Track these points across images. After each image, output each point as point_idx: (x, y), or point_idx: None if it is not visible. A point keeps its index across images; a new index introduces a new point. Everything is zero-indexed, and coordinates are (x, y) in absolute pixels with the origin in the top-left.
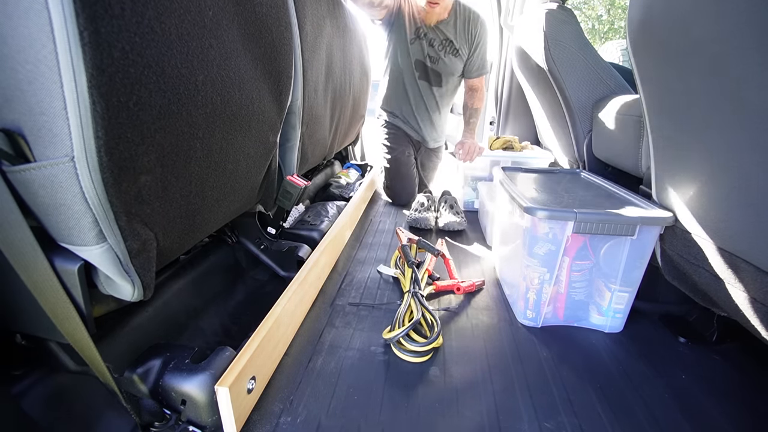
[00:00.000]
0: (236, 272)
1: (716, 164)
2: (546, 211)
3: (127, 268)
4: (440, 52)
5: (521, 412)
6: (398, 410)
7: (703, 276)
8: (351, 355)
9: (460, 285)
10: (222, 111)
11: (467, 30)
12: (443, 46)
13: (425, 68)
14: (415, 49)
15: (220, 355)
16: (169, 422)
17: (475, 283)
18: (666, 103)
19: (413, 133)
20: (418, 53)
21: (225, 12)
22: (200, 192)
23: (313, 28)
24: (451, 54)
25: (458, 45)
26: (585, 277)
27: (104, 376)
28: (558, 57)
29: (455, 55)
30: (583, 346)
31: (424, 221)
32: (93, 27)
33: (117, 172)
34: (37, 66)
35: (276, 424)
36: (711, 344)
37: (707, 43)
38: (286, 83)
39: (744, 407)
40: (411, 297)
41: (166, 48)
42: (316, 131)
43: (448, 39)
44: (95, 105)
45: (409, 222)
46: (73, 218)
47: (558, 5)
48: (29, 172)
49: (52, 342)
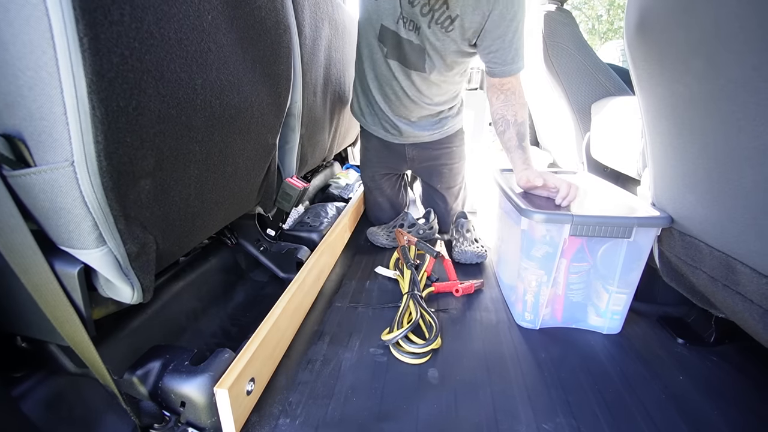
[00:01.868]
0: (236, 274)
1: (713, 166)
2: (543, 215)
3: (127, 270)
4: (422, 18)
5: (519, 413)
6: (397, 412)
7: (701, 277)
8: (350, 357)
9: (458, 287)
10: (221, 114)
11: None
12: (429, 7)
13: (397, 40)
14: (382, 5)
15: (219, 357)
16: (169, 424)
17: (473, 284)
18: (664, 105)
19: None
20: (388, 13)
21: (224, 16)
22: (199, 195)
23: (311, 30)
24: (440, 25)
25: (457, 11)
26: (582, 279)
27: (104, 378)
28: (557, 59)
29: (446, 30)
30: (581, 348)
31: (373, 236)
32: (93, 33)
33: (116, 176)
34: (37, 72)
35: (275, 425)
36: (709, 345)
37: (704, 46)
38: (285, 86)
39: (742, 409)
40: (410, 298)
41: (165, 53)
42: (316, 133)
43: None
44: (95, 110)
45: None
46: (73, 222)
47: (557, 7)
48: (30, 176)
49: (53, 344)
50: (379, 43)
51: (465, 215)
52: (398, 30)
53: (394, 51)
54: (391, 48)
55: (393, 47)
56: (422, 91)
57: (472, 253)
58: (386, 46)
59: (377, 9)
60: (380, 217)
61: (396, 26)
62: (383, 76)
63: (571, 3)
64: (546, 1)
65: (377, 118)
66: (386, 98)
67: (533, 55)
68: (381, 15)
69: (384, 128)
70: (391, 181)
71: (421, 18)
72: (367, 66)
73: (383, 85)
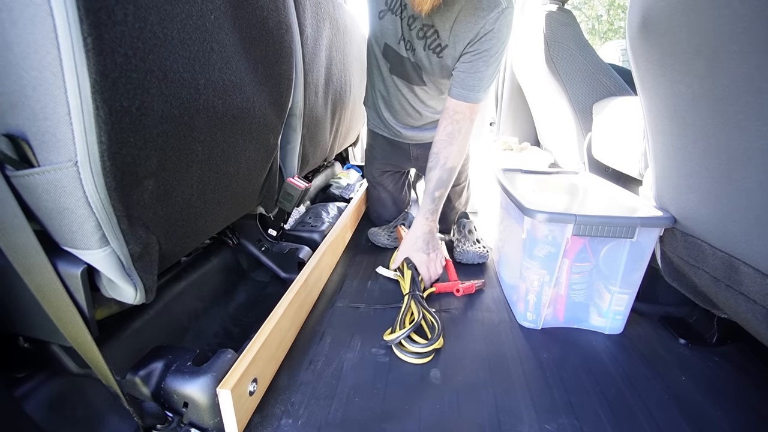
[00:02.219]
0: (237, 274)
1: (716, 166)
2: (545, 214)
3: (130, 271)
4: (417, 41)
5: (522, 413)
6: (399, 412)
7: (703, 278)
8: (352, 357)
9: (459, 286)
10: (223, 114)
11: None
12: (423, 33)
13: (399, 58)
14: (385, 26)
15: (221, 358)
16: (171, 425)
17: (474, 284)
18: (666, 105)
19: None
20: (390, 34)
21: (226, 15)
22: (202, 195)
23: (313, 30)
24: (432, 50)
25: (447, 41)
26: (585, 279)
27: (107, 378)
28: (558, 58)
29: (437, 55)
30: (584, 348)
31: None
32: (96, 33)
33: (120, 176)
34: (41, 72)
35: (277, 426)
36: (711, 346)
37: (707, 46)
38: (287, 86)
39: (744, 409)
40: (411, 299)
41: (168, 53)
42: (317, 133)
43: (430, 25)
44: (98, 110)
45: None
46: (77, 222)
47: (558, 7)
48: (33, 176)
49: (55, 345)
50: (384, 59)
51: (467, 215)
52: (399, 50)
53: (397, 68)
54: (393, 65)
55: (396, 65)
56: (425, 102)
57: (474, 254)
58: (390, 62)
59: (381, 28)
60: (382, 213)
61: (398, 46)
62: (388, 89)
63: (571, 3)
64: (547, 1)
65: (384, 122)
66: (392, 109)
67: (534, 55)
68: (385, 34)
69: (390, 132)
70: (395, 178)
71: (416, 41)
72: (376, 78)
73: (390, 98)
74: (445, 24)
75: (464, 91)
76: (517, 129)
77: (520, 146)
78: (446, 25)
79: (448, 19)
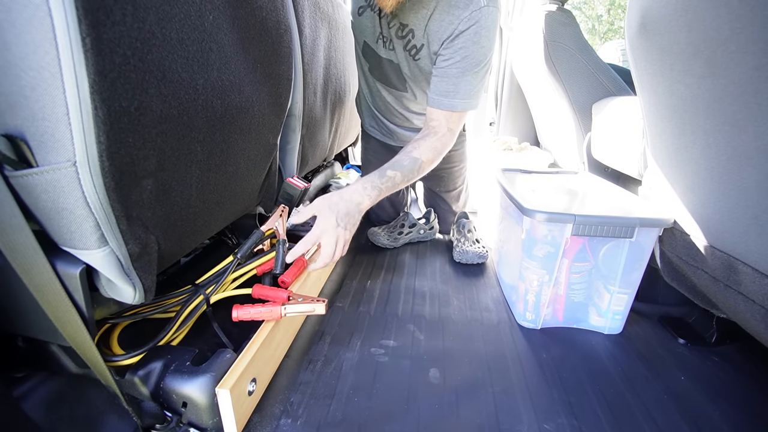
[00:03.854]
0: None
1: (715, 166)
2: (545, 214)
3: (129, 271)
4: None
5: (521, 413)
6: (398, 412)
7: (702, 278)
8: (351, 357)
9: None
10: (222, 114)
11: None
12: (401, 33)
13: (377, 59)
14: (364, 23)
15: (220, 358)
16: (171, 424)
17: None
18: (665, 105)
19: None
20: (368, 31)
21: (225, 16)
22: (201, 195)
23: (312, 30)
24: (408, 53)
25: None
26: (584, 279)
27: (105, 378)
28: (558, 58)
29: (413, 58)
30: (583, 348)
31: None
32: (95, 33)
33: (118, 176)
34: (40, 72)
35: (277, 425)
36: (710, 346)
37: (705, 46)
38: (286, 86)
39: (743, 409)
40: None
41: (166, 53)
42: (316, 133)
43: (405, 24)
44: (97, 110)
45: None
46: (75, 222)
47: (558, 7)
48: (32, 177)
49: (54, 345)
50: (364, 58)
51: (467, 215)
52: (377, 49)
53: (376, 70)
54: (373, 66)
55: (375, 66)
56: (410, 108)
57: (474, 254)
58: (368, 62)
59: (360, 26)
60: (380, 215)
61: (376, 45)
62: (372, 88)
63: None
64: (547, 1)
65: (374, 121)
66: (378, 108)
67: (534, 55)
68: (363, 32)
69: (381, 132)
70: None
71: (396, 40)
72: (360, 77)
73: (374, 97)
74: (419, 23)
75: (438, 97)
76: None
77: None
78: (420, 23)
79: (423, 17)
